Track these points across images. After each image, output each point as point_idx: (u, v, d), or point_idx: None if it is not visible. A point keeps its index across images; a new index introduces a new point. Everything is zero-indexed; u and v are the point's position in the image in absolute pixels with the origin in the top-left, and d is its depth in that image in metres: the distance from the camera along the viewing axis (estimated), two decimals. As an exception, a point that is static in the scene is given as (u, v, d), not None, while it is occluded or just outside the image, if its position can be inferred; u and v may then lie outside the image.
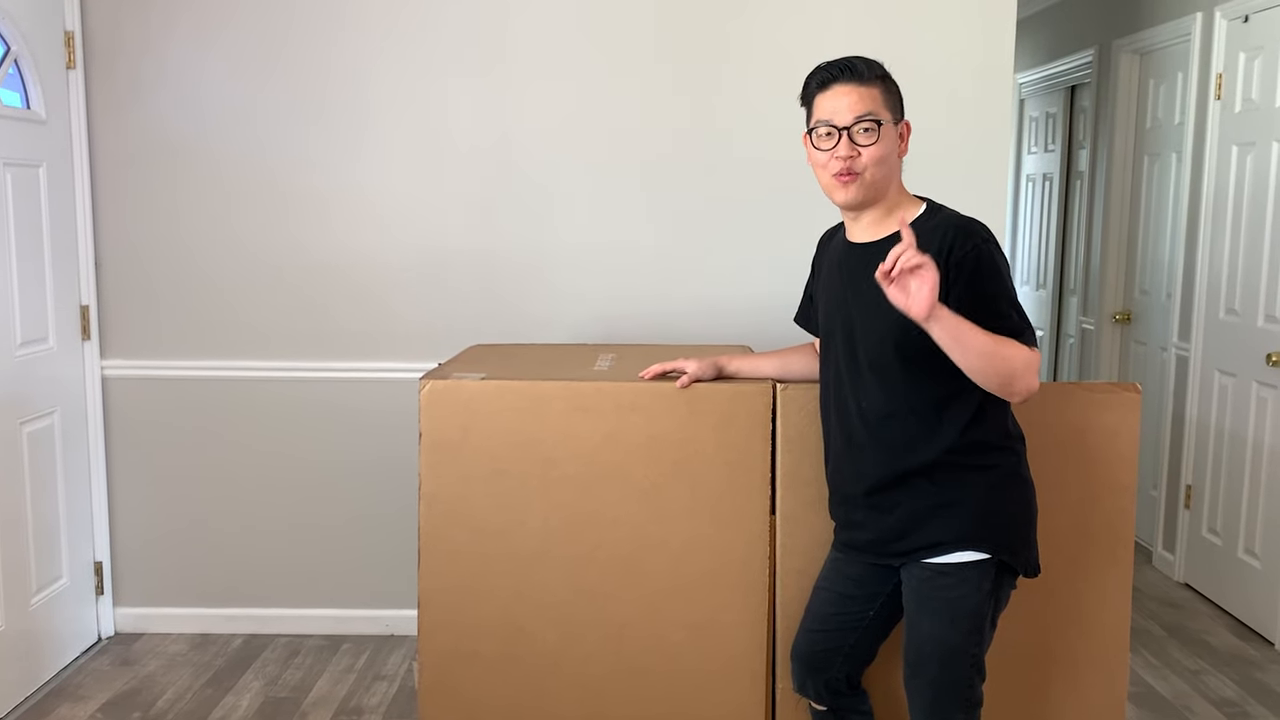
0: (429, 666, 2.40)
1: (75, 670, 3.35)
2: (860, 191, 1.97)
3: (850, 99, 1.95)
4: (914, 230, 1.86)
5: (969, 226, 1.94)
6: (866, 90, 1.95)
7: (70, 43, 3.34)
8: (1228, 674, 3.38)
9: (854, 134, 1.95)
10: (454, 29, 3.40)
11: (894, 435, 2.00)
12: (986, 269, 1.90)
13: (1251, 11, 3.74)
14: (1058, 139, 5.59)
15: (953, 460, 1.97)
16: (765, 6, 3.37)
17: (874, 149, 1.95)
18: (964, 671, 2.02)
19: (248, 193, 3.47)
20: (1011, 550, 2.01)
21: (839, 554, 2.17)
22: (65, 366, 3.37)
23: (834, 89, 1.97)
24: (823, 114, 1.98)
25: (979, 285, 1.89)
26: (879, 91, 1.97)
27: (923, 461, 1.98)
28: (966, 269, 1.89)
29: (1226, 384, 3.89)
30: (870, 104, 1.95)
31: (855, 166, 1.95)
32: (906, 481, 2.00)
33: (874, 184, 1.97)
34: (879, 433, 2.01)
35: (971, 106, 3.36)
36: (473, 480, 2.35)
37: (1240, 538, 3.79)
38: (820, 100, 1.99)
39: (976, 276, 1.89)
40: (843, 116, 1.95)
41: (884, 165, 1.96)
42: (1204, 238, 4.02)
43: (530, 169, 3.45)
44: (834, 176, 1.97)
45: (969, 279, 1.89)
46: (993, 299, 1.90)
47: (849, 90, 1.95)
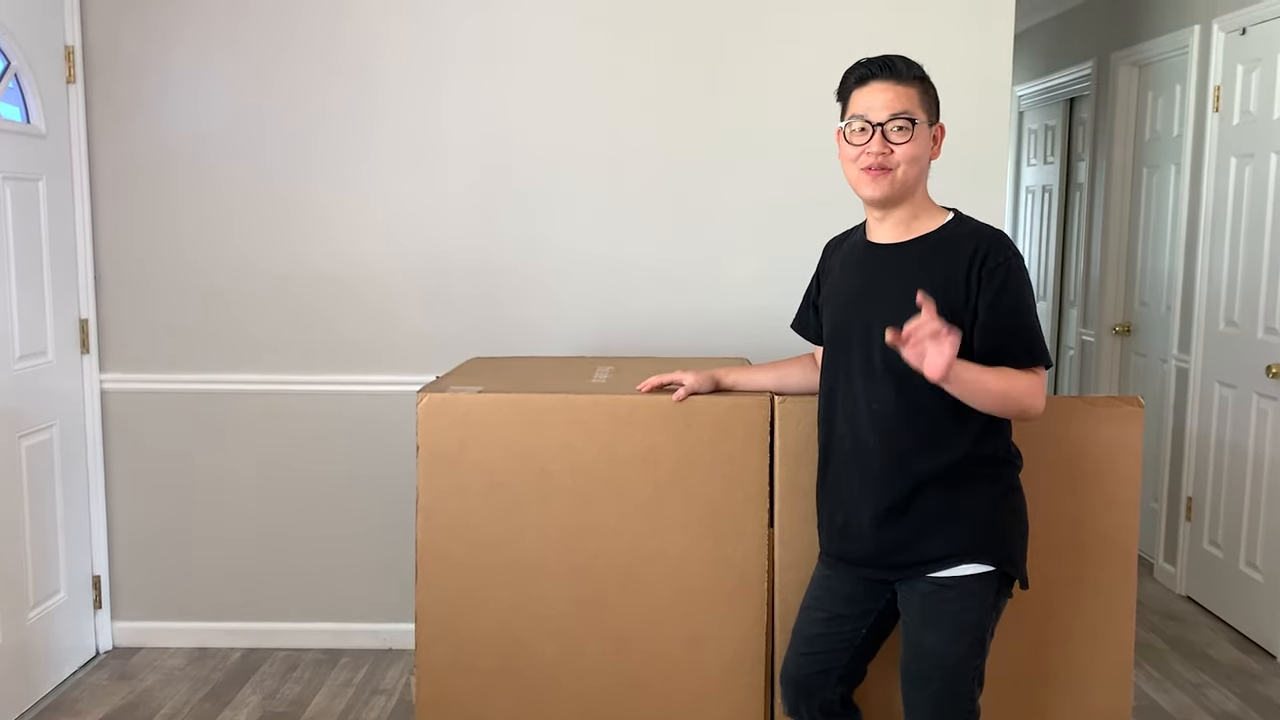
0: (426, 680, 2.39)
1: (72, 685, 3.34)
2: (889, 188, 1.97)
3: (887, 96, 1.96)
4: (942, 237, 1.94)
5: (1000, 238, 1.98)
6: (904, 89, 1.97)
7: (70, 57, 3.35)
8: (1229, 687, 3.37)
9: (888, 131, 1.95)
10: (455, 41, 3.41)
11: (905, 440, 1.98)
12: (1015, 281, 1.93)
13: (1249, 24, 3.75)
14: (1057, 151, 5.60)
15: (963, 470, 1.97)
16: (765, 20, 3.38)
17: (907, 147, 1.95)
18: (966, 685, 2.01)
19: (246, 206, 3.47)
20: (1013, 562, 2.02)
21: (828, 570, 2.15)
22: (64, 380, 3.37)
23: (872, 85, 1.98)
24: (858, 109, 1.98)
25: (1006, 296, 1.93)
26: (916, 91, 1.98)
27: (933, 469, 1.97)
28: (998, 279, 1.92)
29: (1227, 396, 3.88)
30: (906, 102, 1.96)
31: (888, 163, 1.95)
32: (914, 491, 1.99)
33: (904, 182, 1.97)
34: (889, 437, 1.99)
35: (970, 118, 3.36)
36: (470, 493, 2.35)
37: (1241, 550, 3.78)
38: (857, 96, 2.00)
39: (1005, 288, 1.92)
40: (878, 113, 1.96)
41: (916, 165, 1.97)
42: (1203, 249, 4.02)
43: (530, 181, 3.45)
44: (864, 170, 1.97)
45: (999, 288, 1.92)
46: (1016, 311, 1.94)
47: (886, 87, 1.97)
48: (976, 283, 1.92)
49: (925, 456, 1.97)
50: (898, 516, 2.00)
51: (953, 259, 1.95)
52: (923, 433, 1.97)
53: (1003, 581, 2.02)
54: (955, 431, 1.96)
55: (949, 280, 1.93)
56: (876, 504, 2.02)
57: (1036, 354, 1.95)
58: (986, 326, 1.93)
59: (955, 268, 1.94)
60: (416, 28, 3.40)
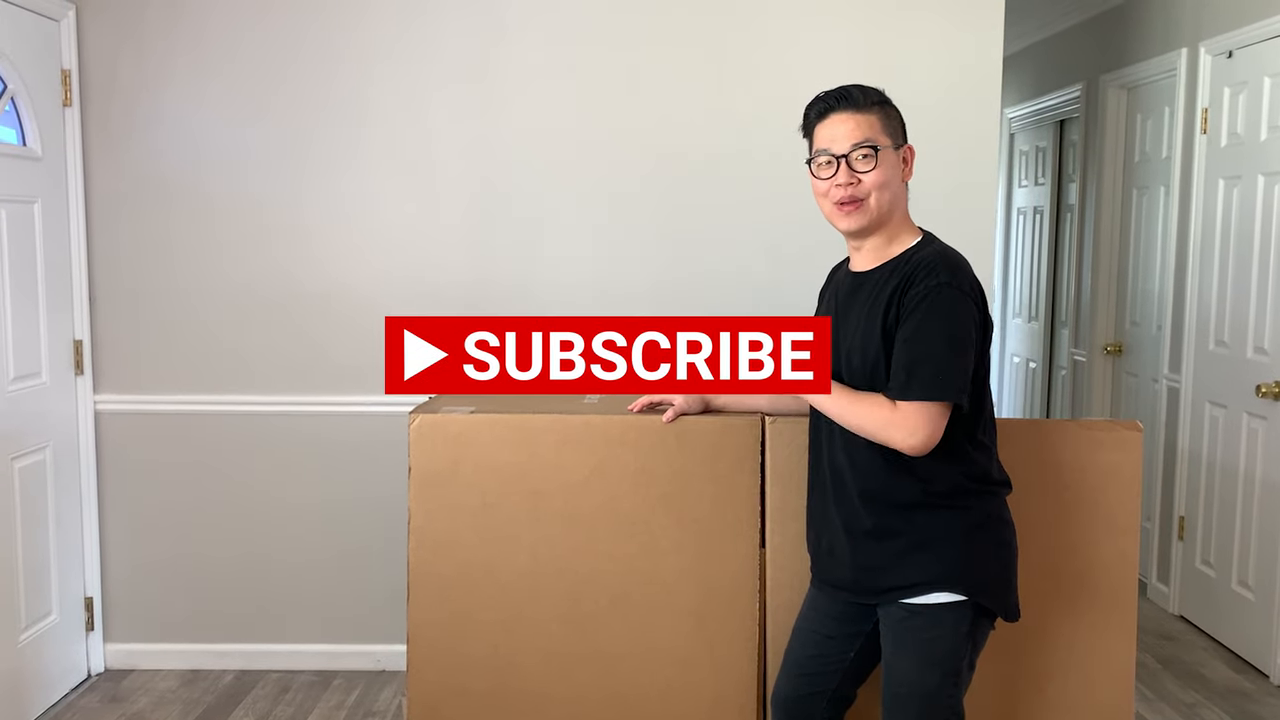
0: (418, 702, 2.39)
1: (64, 708, 3.33)
2: (863, 218, 1.97)
3: (847, 126, 1.96)
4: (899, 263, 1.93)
5: (935, 265, 1.91)
6: (864, 117, 1.96)
7: (67, 81, 3.37)
8: (1223, 707, 3.37)
9: (852, 161, 1.95)
10: (445, 63, 3.43)
11: (874, 466, 1.98)
12: (934, 309, 1.87)
13: (1235, 47, 3.79)
14: (1048, 172, 5.64)
15: (931, 501, 1.96)
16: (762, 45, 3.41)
17: (874, 175, 1.95)
18: (941, 714, 2.00)
19: (240, 229, 3.49)
20: (990, 593, 1.99)
21: (817, 591, 2.15)
22: (58, 401, 3.38)
23: (831, 118, 1.98)
24: (821, 143, 1.99)
25: (913, 322, 1.88)
26: (877, 118, 1.97)
27: (901, 499, 1.97)
28: (914, 305, 1.88)
29: (1217, 415, 3.90)
30: (867, 130, 1.96)
31: (858, 193, 1.95)
32: (884, 517, 1.98)
33: (878, 209, 1.97)
34: (859, 464, 1.99)
35: (960, 141, 3.39)
36: (462, 514, 2.35)
37: (1234, 569, 3.79)
38: (819, 130, 2.00)
39: (916, 314, 1.88)
40: (840, 144, 1.96)
41: (886, 190, 1.96)
42: (1193, 270, 4.05)
43: (522, 202, 3.47)
44: (836, 205, 1.97)
45: (911, 314, 1.88)
46: (918, 339, 1.88)
47: (846, 118, 1.96)
48: (900, 307, 1.90)
49: (893, 484, 1.96)
50: (872, 542, 1.99)
51: (893, 284, 1.94)
52: (890, 460, 1.95)
53: (979, 612, 1.98)
54: (925, 459, 1.92)
55: (887, 305, 1.93)
56: (850, 529, 2.02)
57: (917, 385, 1.86)
58: (897, 352, 1.90)
59: (891, 292, 1.93)
60: (408, 51, 3.42)
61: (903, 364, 1.89)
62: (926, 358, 1.87)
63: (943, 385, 1.87)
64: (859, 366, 1.97)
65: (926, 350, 1.87)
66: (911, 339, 1.88)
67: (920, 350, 1.88)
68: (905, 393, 1.88)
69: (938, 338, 1.88)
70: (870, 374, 1.95)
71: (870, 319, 1.95)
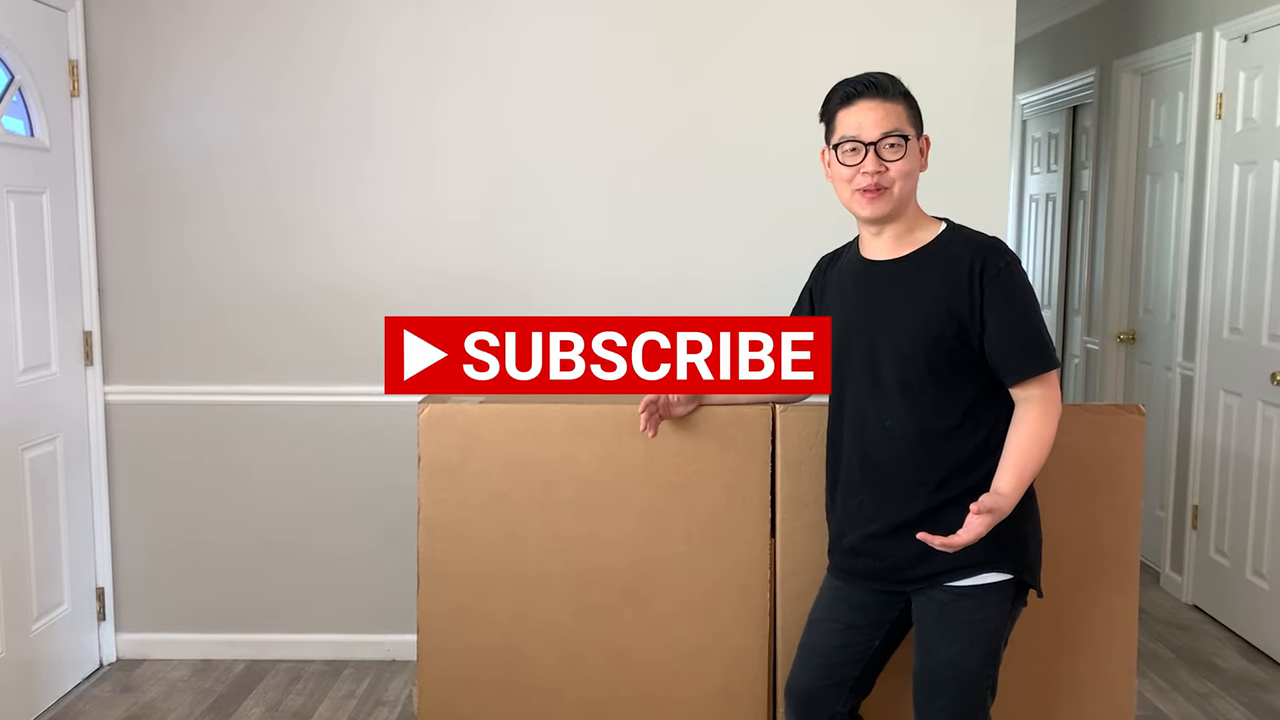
0: (428, 692, 2.39)
1: (76, 697, 3.34)
2: (886, 206, 1.97)
3: (876, 114, 1.95)
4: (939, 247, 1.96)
5: (996, 245, 1.98)
6: (891, 106, 1.96)
7: (74, 71, 3.36)
8: (1236, 696, 3.35)
9: (881, 149, 1.94)
10: (454, 55, 3.41)
11: (921, 455, 1.97)
12: (1017, 286, 1.94)
13: (1251, 31, 3.75)
14: (1060, 159, 5.60)
15: (981, 480, 1.94)
16: (764, 34, 3.39)
17: (901, 164, 1.95)
18: (980, 695, 2.01)
19: (249, 218, 3.48)
20: (1030, 569, 2.01)
21: (839, 582, 2.13)
22: (68, 392, 3.38)
23: (859, 104, 1.96)
24: (848, 129, 1.97)
25: (1011, 303, 1.93)
26: (903, 108, 1.97)
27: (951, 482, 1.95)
28: (1000, 286, 1.92)
29: (1231, 403, 3.87)
30: (896, 120, 1.95)
31: (884, 181, 1.95)
32: (934, 504, 1.96)
33: (901, 198, 1.97)
34: (905, 454, 1.98)
35: (972, 127, 3.37)
36: (472, 504, 2.35)
37: (1248, 558, 3.76)
38: (844, 115, 1.98)
39: (1009, 295, 1.93)
40: (870, 132, 1.94)
41: (910, 180, 1.97)
42: (1207, 257, 4.02)
43: (531, 194, 3.46)
44: (860, 192, 1.97)
45: (1003, 296, 1.92)
46: (1024, 317, 1.93)
47: (875, 105, 1.95)
48: (980, 291, 1.92)
49: (943, 470, 1.96)
50: (917, 531, 1.95)
51: (952, 269, 1.94)
52: (939, 447, 1.96)
53: (1019, 590, 2.01)
54: (971, 443, 1.95)
55: (952, 290, 1.93)
56: (894, 520, 1.99)
57: (1046, 359, 1.93)
58: (997, 338, 1.92)
59: (956, 277, 1.93)
60: (416, 44, 3.41)
61: (1013, 345, 1.93)
62: (1037, 332, 1.94)
63: (1052, 354, 1.96)
64: (909, 353, 1.95)
65: (1030, 327, 1.94)
66: (1013, 320, 1.93)
67: (1025, 328, 1.93)
68: (1035, 368, 1.93)
69: (1033, 314, 1.95)
70: (928, 355, 1.94)
71: (924, 302, 1.94)
